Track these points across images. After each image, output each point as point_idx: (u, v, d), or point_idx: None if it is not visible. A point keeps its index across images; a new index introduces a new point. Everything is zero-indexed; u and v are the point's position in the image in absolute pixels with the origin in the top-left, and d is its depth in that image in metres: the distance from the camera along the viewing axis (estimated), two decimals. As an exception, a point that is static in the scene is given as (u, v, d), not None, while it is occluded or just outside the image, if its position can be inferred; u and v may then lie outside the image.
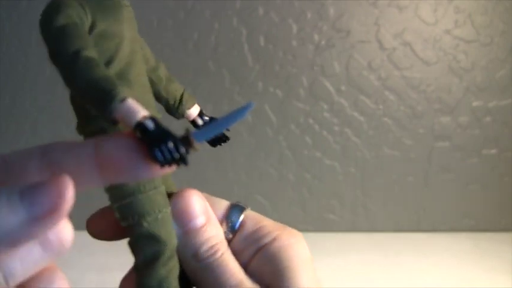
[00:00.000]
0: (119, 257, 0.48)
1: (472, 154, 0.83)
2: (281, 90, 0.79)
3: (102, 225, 0.27)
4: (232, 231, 0.28)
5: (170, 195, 0.27)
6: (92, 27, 0.23)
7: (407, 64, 0.80)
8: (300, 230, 0.29)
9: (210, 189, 0.30)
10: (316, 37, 0.79)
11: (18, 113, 0.80)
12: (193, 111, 0.29)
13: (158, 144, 0.18)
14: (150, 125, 0.19)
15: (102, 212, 0.27)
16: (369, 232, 0.84)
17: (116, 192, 0.24)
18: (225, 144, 0.29)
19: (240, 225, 0.28)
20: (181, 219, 0.26)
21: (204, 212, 0.27)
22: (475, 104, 0.81)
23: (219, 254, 0.26)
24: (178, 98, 0.28)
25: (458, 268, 0.72)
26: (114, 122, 0.20)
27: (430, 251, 0.78)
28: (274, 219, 0.30)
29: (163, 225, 0.25)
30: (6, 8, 0.76)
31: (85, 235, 0.31)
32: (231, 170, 0.80)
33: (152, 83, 0.27)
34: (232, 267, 0.26)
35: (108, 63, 0.24)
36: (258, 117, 0.79)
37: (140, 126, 0.19)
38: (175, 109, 0.28)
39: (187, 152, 0.19)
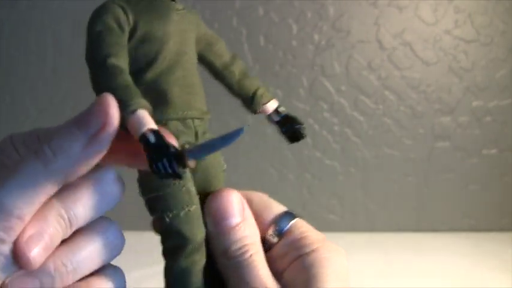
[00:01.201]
0: (120, 258, 0.48)
1: (472, 154, 0.83)
2: (281, 90, 0.79)
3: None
4: (278, 235, 0.29)
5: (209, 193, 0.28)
6: (134, 30, 0.24)
7: (407, 64, 0.80)
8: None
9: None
10: (316, 37, 0.79)
11: (18, 113, 0.80)
12: (269, 106, 0.30)
13: (156, 158, 0.20)
14: (152, 138, 0.21)
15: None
16: (369, 232, 0.84)
17: (145, 186, 0.26)
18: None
19: (286, 231, 0.29)
20: (215, 217, 0.27)
21: (239, 212, 0.28)
22: (475, 104, 0.81)
23: (248, 254, 0.27)
24: (251, 93, 0.29)
25: (458, 268, 0.72)
26: (126, 130, 0.22)
27: (430, 251, 0.78)
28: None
29: (187, 222, 0.26)
30: (6, 8, 0.76)
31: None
32: (231, 170, 0.80)
33: (224, 78, 0.29)
34: (260, 270, 0.27)
35: (149, 64, 0.24)
36: (258, 117, 0.79)
37: (143, 138, 0.21)
38: (249, 104, 0.30)
39: (181, 168, 0.20)
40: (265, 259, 0.28)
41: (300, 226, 0.29)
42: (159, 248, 0.28)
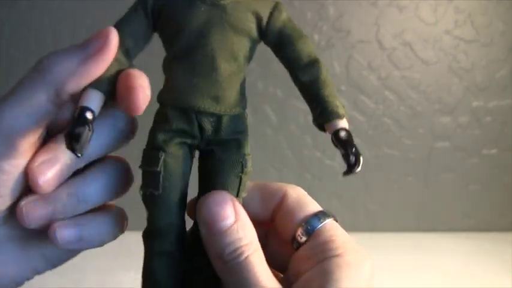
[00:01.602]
0: (119, 258, 0.48)
1: (472, 154, 0.83)
2: (281, 90, 0.78)
3: None
4: (307, 235, 0.28)
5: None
6: (159, 13, 0.26)
7: (407, 64, 0.80)
8: (300, 230, 0.29)
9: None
10: (316, 37, 0.79)
11: (18, 113, 0.80)
12: (331, 126, 0.26)
13: (69, 129, 0.23)
14: (76, 114, 0.24)
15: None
16: (369, 232, 0.84)
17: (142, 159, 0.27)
18: None
19: (316, 232, 0.28)
20: (206, 220, 0.26)
21: (231, 213, 0.26)
22: (475, 104, 0.81)
23: (243, 256, 0.26)
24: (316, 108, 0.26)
25: (458, 268, 0.72)
26: None
27: (430, 251, 0.78)
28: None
29: (152, 203, 0.26)
30: (6, 8, 0.76)
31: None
32: (231, 170, 0.80)
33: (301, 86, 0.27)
34: (257, 271, 0.26)
35: (167, 48, 0.27)
36: (258, 117, 0.79)
37: (76, 112, 0.24)
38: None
39: (69, 148, 0.23)
40: (265, 258, 0.27)
41: (330, 229, 0.29)
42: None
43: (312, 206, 0.30)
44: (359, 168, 0.25)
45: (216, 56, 0.24)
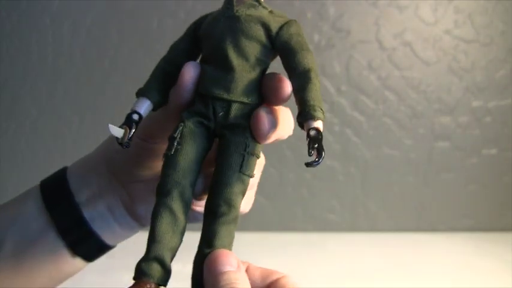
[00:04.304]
0: (119, 258, 0.48)
1: (472, 154, 0.83)
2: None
3: None
4: None
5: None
6: (197, 30, 0.33)
7: (407, 64, 0.80)
8: (300, 230, 0.29)
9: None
10: (316, 37, 0.79)
11: (18, 113, 0.80)
12: (306, 125, 0.31)
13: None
14: (128, 113, 0.31)
15: None
16: (369, 232, 0.84)
17: None
18: None
19: None
20: (209, 265, 0.28)
21: (234, 264, 0.28)
22: (474, 104, 0.81)
23: None
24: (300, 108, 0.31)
25: (458, 268, 0.72)
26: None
27: (430, 251, 0.78)
28: (274, 219, 0.31)
29: (166, 164, 0.30)
30: (6, 8, 0.76)
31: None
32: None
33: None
34: None
35: (203, 52, 0.33)
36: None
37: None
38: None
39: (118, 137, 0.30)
40: None
41: None
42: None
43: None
44: (318, 163, 0.30)
45: (229, 55, 0.30)
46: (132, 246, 0.41)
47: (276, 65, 0.32)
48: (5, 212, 0.38)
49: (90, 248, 0.37)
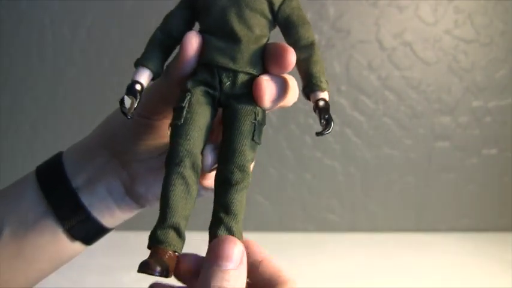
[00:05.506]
0: (119, 258, 0.48)
1: (472, 154, 0.83)
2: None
3: None
4: None
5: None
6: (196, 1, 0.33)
7: (407, 64, 0.80)
8: (300, 230, 0.29)
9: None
10: (316, 37, 0.78)
11: (18, 113, 0.80)
12: (313, 96, 0.32)
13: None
14: (129, 84, 0.31)
15: None
16: (369, 232, 0.84)
17: None
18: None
19: None
20: (211, 254, 0.27)
21: (236, 259, 0.27)
22: (474, 104, 0.81)
23: None
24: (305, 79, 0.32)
25: (458, 268, 0.72)
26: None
27: (430, 251, 0.78)
28: (274, 219, 0.31)
29: (175, 133, 0.30)
30: (6, 8, 0.76)
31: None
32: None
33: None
34: None
35: (203, 22, 0.33)
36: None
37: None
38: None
39: (123, 106, 0.30)
40: None
41: None
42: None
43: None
44: (329, 131, 0.30)
45: (234, 26, 0.31)
46: (132, 247, 0.41)
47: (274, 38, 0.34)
48: (3, 199, 0.38)
49: (89, 232, 0.37)
